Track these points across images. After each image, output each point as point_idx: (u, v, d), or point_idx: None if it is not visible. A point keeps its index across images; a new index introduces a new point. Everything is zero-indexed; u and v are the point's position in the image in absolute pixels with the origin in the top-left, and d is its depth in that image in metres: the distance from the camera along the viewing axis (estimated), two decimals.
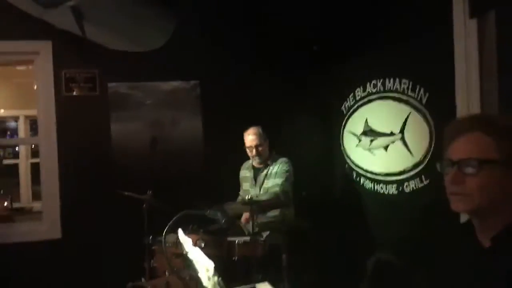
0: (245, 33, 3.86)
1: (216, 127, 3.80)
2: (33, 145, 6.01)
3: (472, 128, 1.16)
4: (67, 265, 3.43)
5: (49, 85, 3.53)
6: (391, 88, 3.13)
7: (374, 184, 3.36)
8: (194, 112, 3.85)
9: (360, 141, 3.53)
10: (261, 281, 2.11)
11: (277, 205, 3.15)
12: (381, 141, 3.26)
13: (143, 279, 2.87)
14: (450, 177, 1.16)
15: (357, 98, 3.54)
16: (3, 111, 6.05)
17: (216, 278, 1.05)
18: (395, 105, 3.09)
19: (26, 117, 5.98)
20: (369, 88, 3.38)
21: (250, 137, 3.36)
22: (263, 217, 3.20)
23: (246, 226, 3.25)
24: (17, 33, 3.43)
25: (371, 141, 3.38)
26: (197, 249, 1.18)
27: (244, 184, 3.52)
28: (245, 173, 3.53)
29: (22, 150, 5.95)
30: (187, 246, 1.25)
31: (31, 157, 5.94)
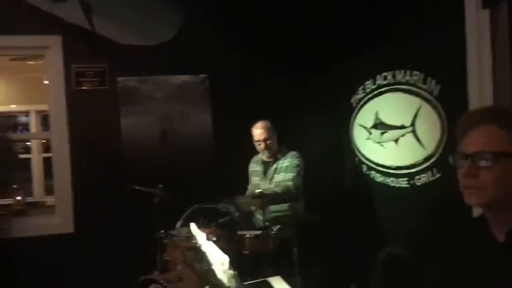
0: (254, 26, 3.84)
1: (225, 121, 3.80)
2: (44, 140, 6.08)
3: (485, 120, 1.14)
4: (79, 259, 3.46)
5: (60, 79, 3.55)
6: (402, 80, 3.10)
7: (384, 177, 3.34)
8: (203, 106, 3.85)
9: (370, 134, 3.51)
10: (272, 275, 2.11)
11: (287, 198, 3.15)
12: (391, 134, 3.24)
13: (155, 273, 2.90)
14: (464, 170, 1.15)
15: (367, 90, 3.51)
16: (14, 106, 6.10)
17: (231, 271, 1.06)
18: (406, 98, 3.06)
19: (36, 111, 6.04)
20: (380, 80, 3.35)
21: (258, 131, 3.36)
22: (274, 210, 3.20)
23: (257, 218, 3.26)
24: (28, 27, 3.44)
25: (382, 134, 3.35)
26: (211, 243, 1.19)
27: (253, 178, 3.52)
28: (255, 167, 3.53)
29: (34, 144, 6.01)
30: (201, 239, 1.25)
31: (43, 152, 6.01)
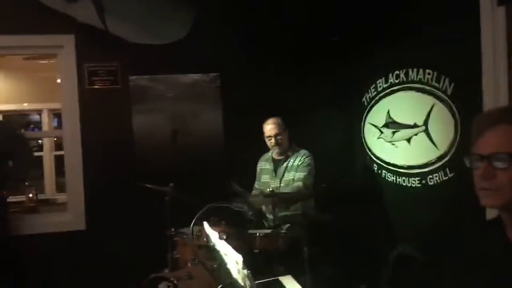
0: (265, 25, 3.83)
1: (236, 119, 3.80)
2: (55, 138, 6.15)
3: (501, 121, 1.12)
4: (91, 256, 3.49)
5: (73, 78, 3.58)
6: (415, 78, 3.07)
7: (396, 176, 3.32)
8: (214, 104, 3.85)
9: (381, 133, 3.48)
10: (283, 274, 2.11)
11: (298, 198, 3.14)
12: (403, 133, 3.21)
13: (166, 270, 2.91)
14: (480, 172, 1.13)
15: (379, 89, 3.49)
16: (26, 105, 6.17)
17: (245, 271, 1.05)
18: (418, 96, 3.03)
19: (49, 110, 6.10)
20: (392, 79, 3.32)
21: (269, 127, 3.36)
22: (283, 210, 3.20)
23: (267, 217, 3.26)
24: (41, 27, 3.47)
25: (393, 133, 3.33)
26: (224, 242, 1.19)
27: (263, 176, 3.51)
28: (265, 165, 3.53)
29: (46, 142, 6.08)
30: (214, 238, 1.25)
31: (55, 150, 6.08)
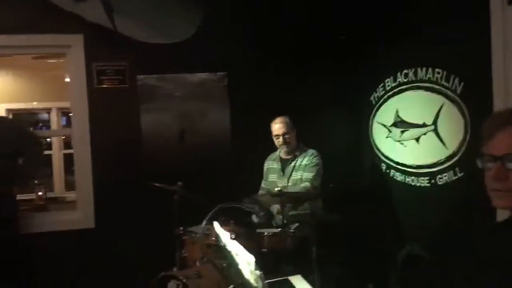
0: (273, 24, 3.83)
1: (243, 118, 3.80)
2: (64, 136, 6.18)
3: None
4: (100, 254, 3.52)
5: (81, 78, 3.60)
6: (424, 78, 3.05)
7: (404, 176, 3.30)
8: (222, 103, 3.85)
9: (390, 132, 3.47)
10: (292, 273, 2.11)
11: (306, 198, 3.14)
12: (412, 132, 3.19)
13: (174, 269, 2.93)
14: (492, 173, 1.12)
15: (387, 88, 3.47)
16: (35, 103, 6.21)
17: (258, 272, 1.05)
18: (427, 96, 3.02)
19: (58, 109, 6.14)
20: (400, 78, 3.30)
21: (277, 126, 3.35)
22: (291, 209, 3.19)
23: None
24: (50, 26, 3.49)
25: (402, 133, 3.31)
26: (236, 242, 1.19)
27: (270, 175, 3.51)
28: (272, 165, 3.52)
29: (54, 141, 6.12)
30: (225, 238, 1.25)
31: (63, 148, 6.11)
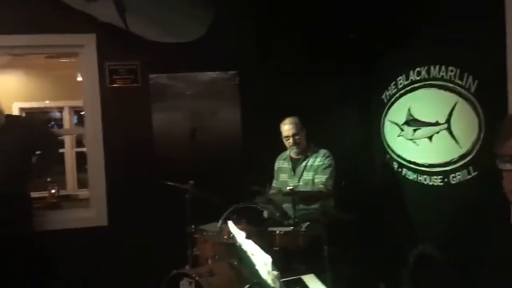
0: (283, 22, 3.82)
1: (254, 117, 3.80)
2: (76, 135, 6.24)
3: None
4: (113, 251, 3.55)
5: (94, 77, 3.63)
6: (437, 75, 3.02)
7: (417, 175, 3.28)
8: (232, 102, 3.86)
9: (402, 131, 3.44)
10: (304, 272, 2.11)
11: (318, 197, 3.13)
12: (425, 131, 3.17)
13: (187, 267, 2.94)
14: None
15: (399, 86, 3.44)
16: (47, 102, 6.28)
17: (275, 272, 1.05)
18: (441, 94, 2.99)
19: (70, 107, 6.20)
20: (413, 76, 3.28)
21: (286, 127, 3.33)
22: (303, 208, 3.19)
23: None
24: (63, 26, 3.52)
25: (414, 131, 3.29)
26: (251, 242, 1.19)
27: (281, 175, 3.50)
28: (283, 164, 3.51)
29: (67, 139, 6.18)
30: (240, 238, 1.25)
31: (75, 146, 6.18)
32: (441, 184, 3.04)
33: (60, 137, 6.29)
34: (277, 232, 2.84)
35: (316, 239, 2.84)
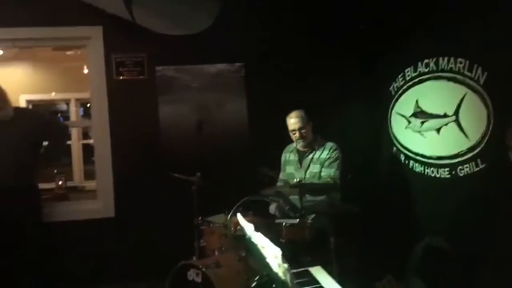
0: (290, 14, 3.80)
1: (260, 109, 3.80)
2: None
3: None
4: (120, 243, 3.58)
5: (101, 69, 3.64)
6: (446, 67, 3.00)
7: (424, 167, 3.26)
8: (239, 94, 3.86)
9: (409, 123, 3.43)
10: (310, 264, 2.11)
11: (325, 190, 3.13)
12: (433, 123, 3.15)
13: (194, 258, 2.96)
14: None
15: (407, 78, 3.42)
16: (54, 94, 6.31)
17: (285, 265, 1.05)
18: (449, 86, 2.96)
19: (76, 100, 6.22)
20: (421, 67, 3.25)
21: (292, 120, 3.31)
22: (309, 200, 3.19)
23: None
24: (70, 19, 3.53)
25: (422, 123, 3.27)
26: (260, 235, 1.19)
27: (287, 167, 3.49)
28: (289, 156, 3.50)
29: (74, 132, 6.21)
30: (249, 230, 1.25)
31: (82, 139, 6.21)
32: (448, 176, 3.02)
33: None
34: (284, 224, 2.84)
35: (322, 231, 2.84)
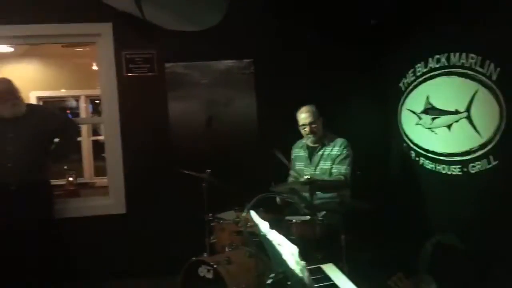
0: (300, 10, 3.78)
1: (270, 106, 3.80)
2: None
3: None
4: (131, 239, 3.61)
5: (111, 66, 3.66)
6: (457, 63, 2.97)
7: (435, 164, 3.25)
8: (248, 91, 3.86)
9: (420, 119, 3.40)
10: (322, 261, 2.11)
11: (336, 187, 3.12)
12: (444, 119, 3.13)
13: (205, 254, 2.98)
14: None
15: (418, 74, 3.39)
16: (64, 91, 6.34)
17: (302, 262, 1.06)
18: (460, 82, 2.94)
19: (86, 96, 6.25)
20: (432, 63, 3.22)
21: (303, 115, 3.31)
22: (320, 197, 3.18)
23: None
24: (80, 15, 3.55)
25: (433, 120, 3.25)
26: (275, 232, 1.19)
27: (297, 163, 3.49)
28: (299, 152, 3.50)
29: (83, 128, 6.25)
30: (264, 228, 1.26)
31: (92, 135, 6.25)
32: (460, 173, 3.00)
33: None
34: (294, 221, 2.85)
35: (333, 228, 2.84)
